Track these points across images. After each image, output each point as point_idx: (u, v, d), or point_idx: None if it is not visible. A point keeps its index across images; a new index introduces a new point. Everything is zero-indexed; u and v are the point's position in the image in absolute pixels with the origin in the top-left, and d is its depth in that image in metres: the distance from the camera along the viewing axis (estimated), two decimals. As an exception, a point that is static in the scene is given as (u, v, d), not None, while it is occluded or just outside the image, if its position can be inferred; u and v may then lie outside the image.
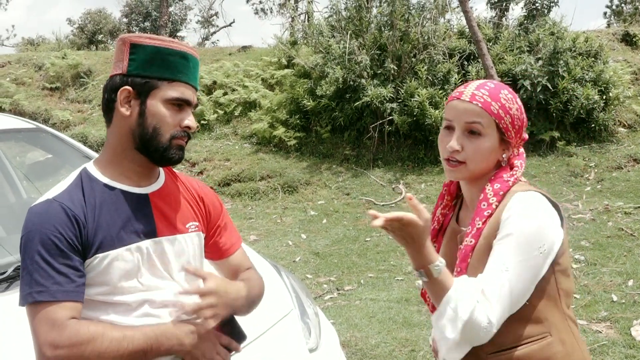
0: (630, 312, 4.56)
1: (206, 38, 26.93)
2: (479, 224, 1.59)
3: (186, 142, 1.68)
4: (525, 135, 1.69)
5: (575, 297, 4.90)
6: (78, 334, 1.46)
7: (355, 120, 10.31)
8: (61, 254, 1.49)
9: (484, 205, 1.61)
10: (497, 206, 1.59)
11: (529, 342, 1.57)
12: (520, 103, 1.64)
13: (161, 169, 1.76)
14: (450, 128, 1.64)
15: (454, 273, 1.64)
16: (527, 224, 1.50)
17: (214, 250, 1.86)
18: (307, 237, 7.36)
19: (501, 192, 1.60)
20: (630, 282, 5.15)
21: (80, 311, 1.51)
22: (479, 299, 1.47)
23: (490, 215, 1.59)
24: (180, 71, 1.62)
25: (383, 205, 8.49)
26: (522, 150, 1.71)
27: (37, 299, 1.46)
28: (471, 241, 1.60)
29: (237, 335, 1.72)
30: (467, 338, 1.49)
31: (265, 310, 2.32)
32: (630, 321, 4.37)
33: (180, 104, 1.63)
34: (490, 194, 1.60)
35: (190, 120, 1.65)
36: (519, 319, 1.55)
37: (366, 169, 9.80)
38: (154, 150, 1.62)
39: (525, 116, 1.66)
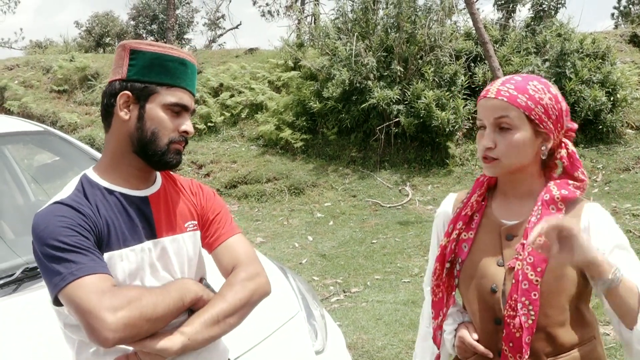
0: (638, 314, 4.53)
1: (213, 40, 26.99)
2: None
3: (184, 147, 1.71)
4: (572, 125, 1.68)
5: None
6: (129, 293, 1.48)
7: (361, 122, 10.32)
8: (84, 238, 1.51)
9: (552, 209, 1.60)
10: (565, 212, 1.61)
11: (582, 345, 1.61)
12: (555, 92, 1.62)
13: (158, 172, 1.79)
14: (483, 127, 1.64)
15: (528, 273, 1.58)
16: (617, 229, 1.62)
17: (204, 243, 1.85)
18: (314, 239, 7.36)
19: (569, 200, 1.62)
20: (638, 285, 5.13)
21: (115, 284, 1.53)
22: None
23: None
24: (178, 77, 1.65)
25: (390, 207, 8.48)
26: (571, 147, 1.67)
27: (79, 275, 1.45)
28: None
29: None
30: None
31: (272, 313, 2.32)
32: (638, 324, 4.35)
33: (178, 110, 1.66)
34: (558, 197, 1.61)
35: (187, 126, 1.68)
36: (578, 323, 1.61)
37: (373, 170, 9.80)
38: (152, 154, 1.65)
39: (563, 104, 1.63)
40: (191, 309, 1.62)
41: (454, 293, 1.80)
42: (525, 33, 10.91)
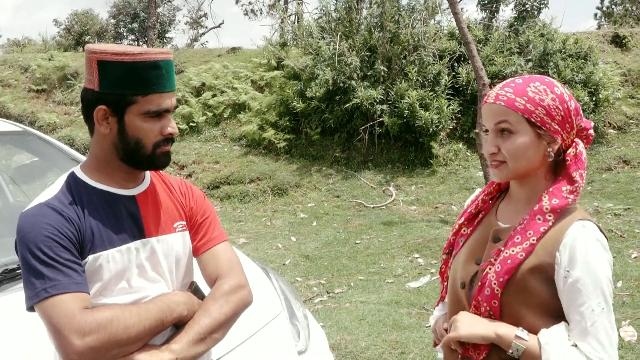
0: (619, 313, 4.61)
1: (195, 39, 26.87)
2: (532, 240, 1.55)
3: (170, 146, 1.70)
4: (586, 124, 1.62)
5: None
6: (100, 317, 1.47)
7: (345, 122, 10.35)
8: (64, 250, 1.51)
9: (539, 219, 1.56)
10: (553, 224, 1.55)
11: None
12: (560, 91, 1.56)
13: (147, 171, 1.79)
14: (487, 132, 1.63)
15: (493, 281, 1.60)
16: (599, 262, 1.48)
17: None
18: (297, 240, 7.38)
19: (559, 210, 1.55)
20: (619, 284, 5.21)
21: (91, 303, 1.53)
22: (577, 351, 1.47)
23: (545, 232, 1.55)
24: (153, 83, 1.59)
25: (373, 207, 8.52)
26: (580, 148, 1.61)
27: (52, 293, 1.46)
28: (521, 255, 1.56)
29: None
30: None
31: (254, 313, 2.33)
32: (619, 322, 4.42)
33: (159, 114, 1.63)
34: (547, 208, 1.56)
35: (171, 127, 1.65)
36: None
37: (356, 171, 9.84)
38: (139, 161, 1.66)
39: (571, 104, 1.57)
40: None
41: (446, 283, 1.86)
42: (509, 33, 11.02)
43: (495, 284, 1.57)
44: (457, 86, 10.42)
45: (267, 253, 6.91)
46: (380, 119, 9.87)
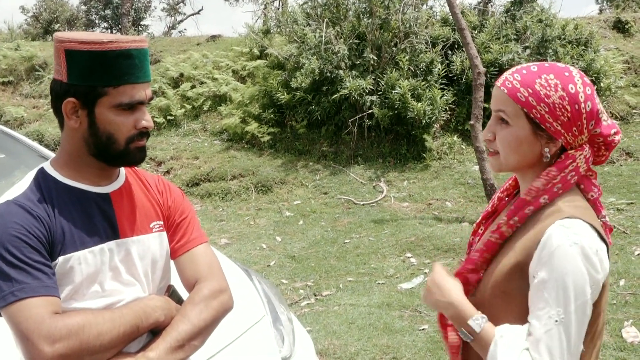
0: (622, 312, 4.66)
1: (172, 27, 26.79)
2: (514, 219, 1.56)
3: (146, 140, 1.69)
4: (603, 130, 1.54)
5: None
6: (71, 322, 1.47)
7: (332, 114, 10.37)
8: (33, 251, 1.51)
9: (528, 198, 1.56)
10: (543, 204, 1.53)
11: None
12: (574, 89, 1.49)
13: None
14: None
15: (469, 276, 1.64)
16: (573, 265, 1.42)
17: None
18: (282, 240, 7.39)
19: (546, 197, 1.53)
20: (622, 282, 5.27)
21: (61, 307, 1.53)
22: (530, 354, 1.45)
23: (530, 214, 1.55)
24: (125, 73, 1.58)
25: (363, 204, 8.56)
26: (582, 155, 1.54)
27: (20, 297, 1.46)
28: (496, 238, 1.58)
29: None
30: None
31: (235, 318, 2.35)
32: (622, 322, 4.48)
33: (132, 106, 1.62)
34: (530, 197, 1.55)
35: (146, 121, 1.65)
36: None
37: (345, 166, 9.86)
38: (112, 157, 1.65)
39: (586, 105, 1.49)
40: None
41: None
42: (505, 19, 11.07)
43: (476, 256, 1.61)
44: (451, 75, 10.47)
45: (251, 254, 6.92)
46: (370, 111, 9.90)
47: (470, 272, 1.62)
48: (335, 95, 9.91)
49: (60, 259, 1.57)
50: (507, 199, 1.79)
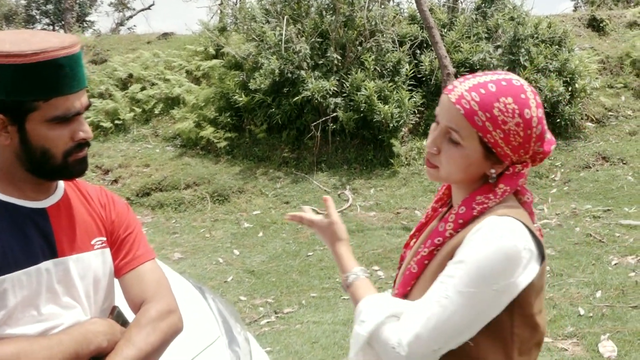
0: (598, 326, 4.75)
1: (120, 23, 26.54)
2: (424, 251, 1.60)
3: (86, 150, 1.67)
4: (545, 148, 1.59)
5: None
6: (3, 352, 1.44)
7: (294, 117, 10.38)
8: None
9: (441, 227, 1.60)
10: (451, 235, 1.57)
11: None
12: (529, 115, 1.51)
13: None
14: (437, 123, 1.62)
15: (394, 290, 1.70)
16: (487, 252, 1.44)
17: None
18: (241, 254, 7.36)
19: (461, 220, 1.57)
20: (599, 294, 5.38)
21: None
22: (394, 317, 1.49)
23: (441, 244, 1.58)
24: (55, 85, 1.54)
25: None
26: (525, 170, 1.60)
27: None
28: (414, 268, 1.61)
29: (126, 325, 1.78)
30: (373, 356, 1.51)
31: (186, 340, 2.33)
32: (598, 336, 4.56)
33: (68, 118, 1.59)
34: (452, 218, 1.59)
35: (84, 132, 1.62)
36: (458, 359, 1.53)
37: (308, 173, 9.88)
38: (49, 172, 1.63)
39: (536, 129, 1.53)
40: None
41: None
42: (476, 16, 11.24)
43: (396, 291, 1.66)
44: (419, 76, 10.58)
45: (206, 269, 6.88)
46: (334, 114, 9.93)
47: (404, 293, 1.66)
48: (297, 98, 9.92)
49: None
50: (441, 208, 1.82)
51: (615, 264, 6.09)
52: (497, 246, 1.44)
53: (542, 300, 1.59)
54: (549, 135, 1.61)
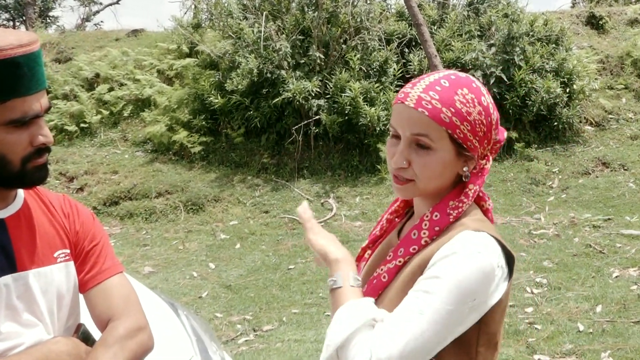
0: (599, 343, 4.79)
1: (87, 19, 26.45)
2: (399, 261, 1.61)
3: (47, 156, 1.67)
4: (500, 136, 1.67)
5: (536, 329, 5.12)
6: None
7: (274, 120, 10.39)
8: None
9: (414, 234, 1.62)
10: (426, 243, 1.59)
11: None
12: (486, 101, 1.59)
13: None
14: (396, 137, 1.63)
15: None
16: (465, 269, 1.48)
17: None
18: (217, 267, 7.35)
19: (437, 228, 1.59)
20: (599, 308, 5.42)
21: None
22: (370, 328, 1.50)
23: (416, 252, 1.59)
24: (12, 86, 1.55)
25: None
26: (488, 164, 1.68)
27: None
28: (384, 277, 1.62)
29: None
30: None
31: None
32: (599, 354, 4.60)
33: (25, 122, 1.59)
34: (426, 225, 1.61)
35: (44, 136, 1.62)
36: None
37: (289, 180, 9.88)
38: (6, 180, 1.62)
39: (494, 116, 1.62)
40: None
41: None
42: (468, 13, 11.31)
43: None
44: (407, 76, 10.60)
45: (180, 284, 6.86)
46: (317, 117, 9.95)
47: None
48: (277, 99, 9.93)
49: None
50: (397, 219, 1.85)
51: (616, 277, 6.14)
52: (476, 263, 1.48)
53: (504, 318, 1.64)
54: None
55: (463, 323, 1.50)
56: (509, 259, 1.57)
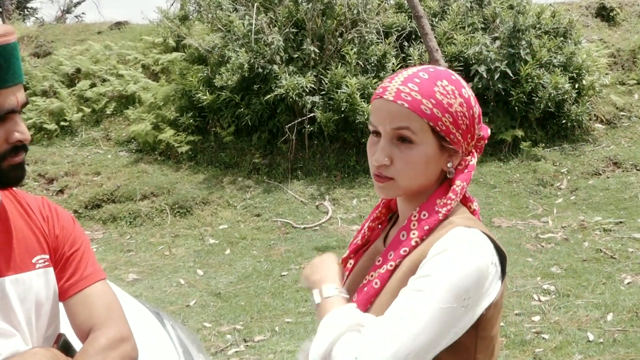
0: (610, 353, 4.80)
1: (67, 11, 26.40)
2: (391, 265, 1.61)
3: (24, 156, 1.67)
4: (484, 132, 1.70)
5: (543, 338, 5.13)
6: None
7: (266, 118, 10.39)
8: None
9: (403, 236, 1.63)
10: (417, 243, 1.60)
11: None
12: (467, 94, 1.62)
13: None
14: (376, 134, 1.64)
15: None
16: (459, 266, 1.48)
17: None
18: (205, 274, 7.34)
19: (427, 227, 1.60)
20: (610, 317, 5.42)
21: None
22: (355, 332, 1.50)
23: (407, 254, 1.60)
24: None
25: (304, 228, 8.57)
26: (473, 160, 1.69)
27: None
28: (376, 283, 1.62)
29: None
30: None
31: (142, 372, 2.32)
32: (610, 365, 4.61)
33: (1, 118, 1.59)
34: (414, 225, 1.62)
35: (20, 132, 1.62)
36: None
37: (282, 181, 9.88)
38: None
39: (476, 109, 1.64)
40: None
41: None
42: (471, 4, 11.31)
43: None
44: (407, 71, 10.61)
45: (166, 292, 6.85)
46: (311, 114, 9.95)
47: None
48: (269, 96, 9.92)
49: None
50: (380, 226, 1.86)
51: (628, 283, 6.14)
52: (469, 260, 1.49)
53: (500, 321, 1.65)
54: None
55: (457, 324, 1.49)
56: (502, 258, 1.58)
